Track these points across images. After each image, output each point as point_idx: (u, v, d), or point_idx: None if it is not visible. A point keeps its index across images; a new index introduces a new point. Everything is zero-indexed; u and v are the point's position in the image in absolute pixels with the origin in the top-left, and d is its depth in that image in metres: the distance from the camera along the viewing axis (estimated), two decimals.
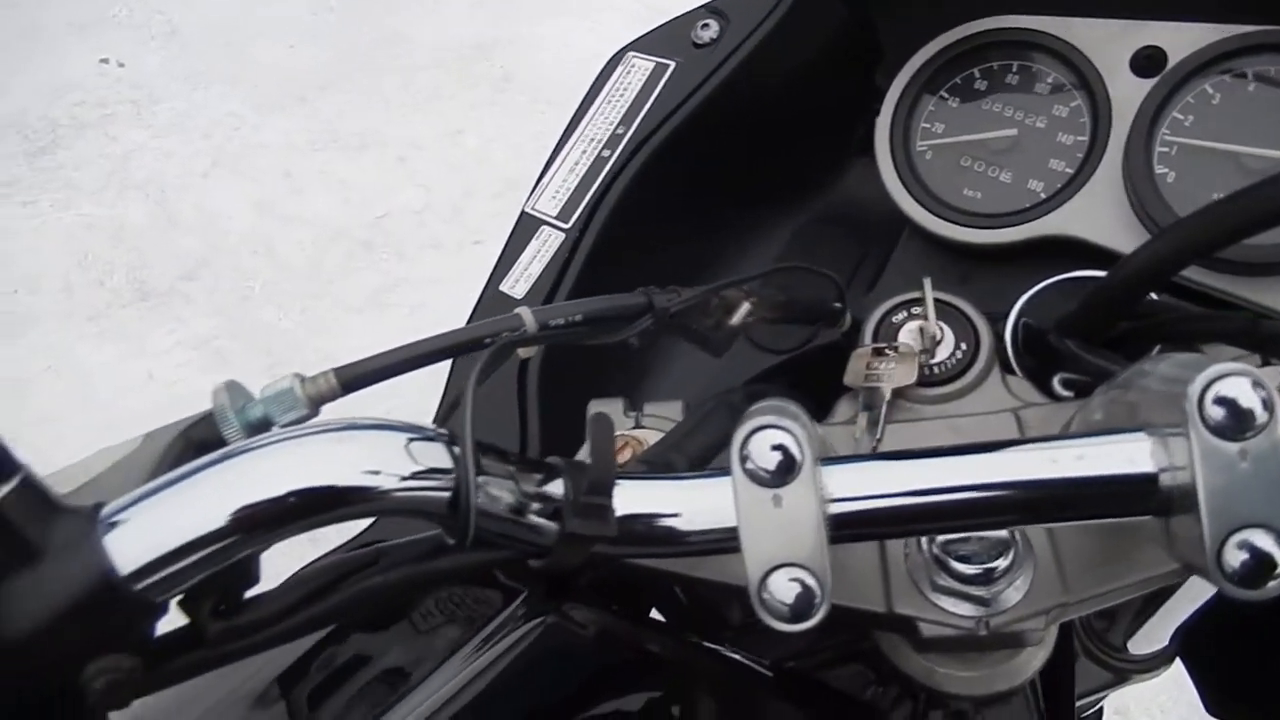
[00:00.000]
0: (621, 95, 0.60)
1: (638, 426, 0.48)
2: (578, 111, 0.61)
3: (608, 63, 0.62)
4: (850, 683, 0.50)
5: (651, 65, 0.60)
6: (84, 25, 2.51)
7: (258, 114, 2.49)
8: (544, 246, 0.58)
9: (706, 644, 0.47)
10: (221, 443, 0.31)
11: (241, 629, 0.29)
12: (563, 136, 0.61)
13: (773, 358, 0.58)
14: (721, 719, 0.44)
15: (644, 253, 0.58)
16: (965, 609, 0.39)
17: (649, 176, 0.57)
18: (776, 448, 0.31)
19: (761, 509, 0.31)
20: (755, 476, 0.31)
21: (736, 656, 0.46)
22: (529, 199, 0.60)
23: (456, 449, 0.30)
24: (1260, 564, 0.29)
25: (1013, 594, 0.39)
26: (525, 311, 0.38)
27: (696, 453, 0.39)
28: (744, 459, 0.31)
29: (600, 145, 0.59)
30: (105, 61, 2.50)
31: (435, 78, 2.67)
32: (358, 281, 2.23)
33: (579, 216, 0.58)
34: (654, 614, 0.58)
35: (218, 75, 2.55)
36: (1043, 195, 0.56)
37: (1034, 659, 0.43)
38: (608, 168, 0.58)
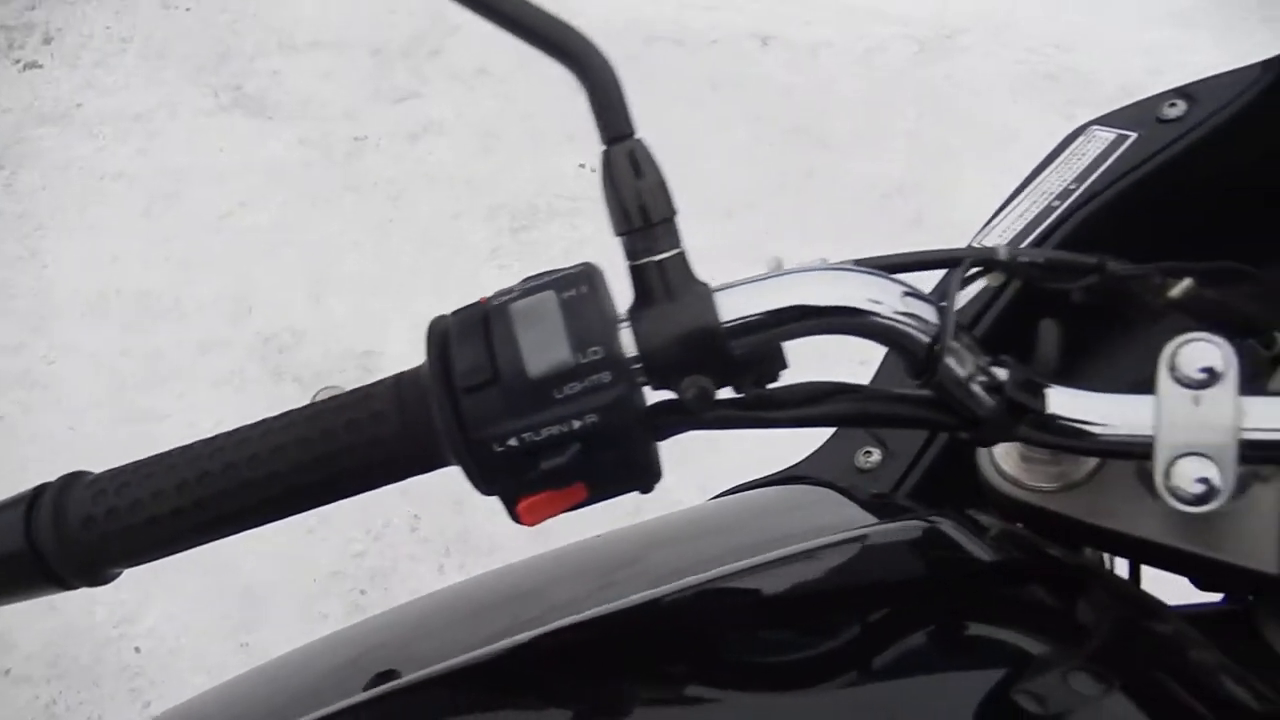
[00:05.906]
0: (1080, 159, 0.69)
1: None
2: (1033, 172, 0.71)
3: (1070, 134, 0.72)
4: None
5: (1112, 135, 0.68)
6: (572, 135, 3.03)
7: (694, 220, 2.82)
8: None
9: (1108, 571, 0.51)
10: None
11: (766, 400, 0.42)
12: (1014, 193, 0.71)
13: None
14: (1104, 638, 0.47)
15: None
16: None
17: (1096, 227, 0.65)
18: (1203, 364, 0.38)
19: (1180, 404, 0.38)
20: (1180, 379, 0.38)
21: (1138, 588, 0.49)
22: (976, 236, 0.71)
23: (938, 313, 0.41)
24: None
25: None
26: (1000, 246, 0.48)
27: None
28: (1172, 366, 0.38)
29: (1051, 198, 0.68)
30: (582, 166, 3.00)
31: (854, 210, 2.86)
32: None
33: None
34: None
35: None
36: None
37: None
38: (1054, 216, 0.67)
